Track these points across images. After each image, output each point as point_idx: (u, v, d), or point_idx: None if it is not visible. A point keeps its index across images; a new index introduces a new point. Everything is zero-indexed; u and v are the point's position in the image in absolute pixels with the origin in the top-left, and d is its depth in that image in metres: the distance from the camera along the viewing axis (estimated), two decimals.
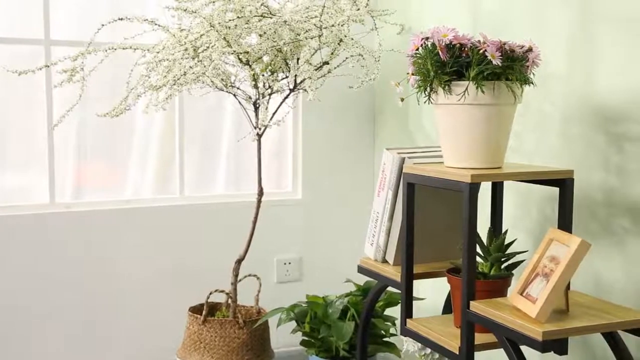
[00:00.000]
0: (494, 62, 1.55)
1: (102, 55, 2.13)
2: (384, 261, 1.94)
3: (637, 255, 1.74)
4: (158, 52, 2.14)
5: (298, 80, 2.23)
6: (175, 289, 2.62)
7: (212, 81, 2.21)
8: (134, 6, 2.54)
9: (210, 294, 2.39)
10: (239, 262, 2.40)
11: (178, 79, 2.07)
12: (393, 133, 2.77)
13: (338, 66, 2.25)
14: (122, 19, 2.06)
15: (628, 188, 1.76)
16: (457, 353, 1.61)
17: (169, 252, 2.62)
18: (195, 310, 2.42)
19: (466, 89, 1.58)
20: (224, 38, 2.07)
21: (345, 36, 2.17)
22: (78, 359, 2.52)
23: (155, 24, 2.10)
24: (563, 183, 1.64)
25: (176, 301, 2.58)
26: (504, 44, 1.58)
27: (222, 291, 2.41)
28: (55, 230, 2.47)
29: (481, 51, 1.56)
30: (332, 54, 2.22)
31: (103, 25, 2.06)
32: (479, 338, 1.62)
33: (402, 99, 1.81)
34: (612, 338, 1.53)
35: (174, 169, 2.67)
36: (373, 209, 1.97)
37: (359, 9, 2.17)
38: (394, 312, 2.23)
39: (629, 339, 1.60)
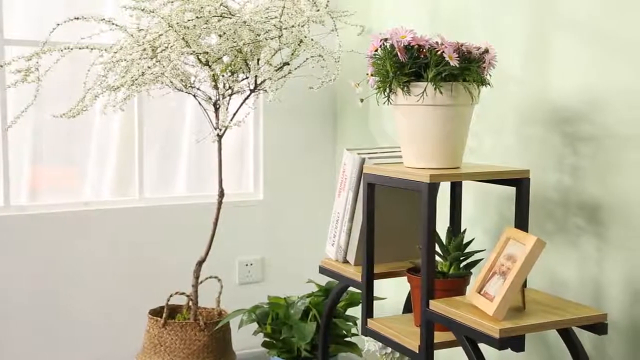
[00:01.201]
0: (451, 64, 1.57)
1: (57, 55, 2.09)
2: (345, 261, 1.94)
3: (591, 253, 1.78)
4: (116, 52, 2.11)
5: (258, 81, 2.23)
6: (135, 291, 2.59)
7: (171, 82, 2.19)
8: (91, 5, 2.49)
9: (171, 296, 2.36)
10: (200, 263, 2.38)
11: (136, 79, 2.04)
12: (354, 133, 2.78)
13: (298, 67, 2.25)
14: (78, 18, 2.03)
15: (582, 188, 1.80)
16: (417, 352, 1.62)
17: (128, 255, 2.59)
18: (156, 313, 2.40)
19: (424, 89, 1.59)
20: (183, 38, 2.05)
21: (306, 37, 2.18)
22: None
23: (113, 24, 2.07)
24: (519, 183, 1.67)
25: (136, 304, 2.55)
26: (461, 45, 1.60)
27: (182, 293, 2.39)
28: (11, 232, 2.42)
29: (439, 52, 1.58)
30: (292, 54, 2.22)
31: (58, 24, 2.02)
32: (439, 337, 1.64)
33: (362, 100, 1.82)
34: (567, 334, 1.57)
35: (133, 171, 2.64)
36: (334, 209, 1.98)
37: (318, 10, 2.17)
38: (356, 312, 2.24)
39: (582, 335, 1.64)
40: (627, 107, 1.68)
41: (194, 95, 2.28)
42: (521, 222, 1.67)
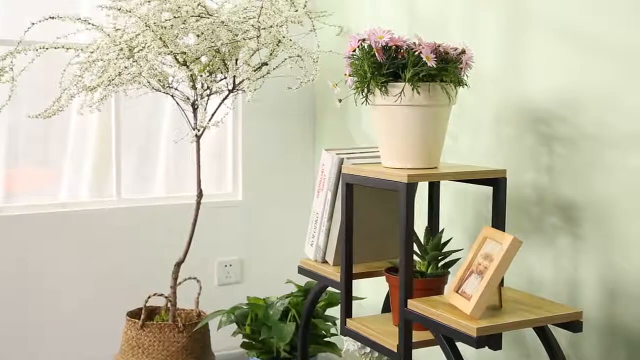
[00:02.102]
0: (428, 64, 1.58)
1: (32, 54, 2.07)
2: (324, 261, 1.95)
3: (567, 251, 1.80)
4: (92, 52, 2.09)
5: (237, 81, 2.22)
6: (113, 293, 2.57)
7: (148, 82, 2.17)
8: (67, 5, 2.47)
9: (149, 297, 2.35)
10: (179, 264, 2.37)
11: (113, 80, 2.03)
12: (333, 133, 2.78)
13: (277, 67, 2.25)
14: (53, 17, 2.01)
15: (557, 187, 1.82)
16: (396, 351, 1.63)
17: (106, 256, 2.57)
18: (134, 314, 2.38)
19: (402, 90, 1.60)
20: (160, 38, 2.04)
21: (284, 37, 2.17)
22: None
23: (89, 23, 2.06)
24: (496, 182, 1.68)
25: (114, 306, 2.53)
26: (439, 46, 1.61)
27: (161, 295, 2.37)
28: None
29: (416, 53, 1.59)
30: (270, 55, 2.22)
31: (33, 23, 1.99)
32: (417, 336, 1.64)
33: (340, 100, 1.82)
34: (543, 332, 1.58)
35: (110, 171, 2.62)
36: (312, 209, 1.98)
37: (297, 10, 2.17)
38: (335, 312, 2.24)
39: (559, 333, 1.66)
40: (601, 108, 1.70)
41: (172, 96, 2.27)
42: (498, 221, 1.69)
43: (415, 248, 1.68)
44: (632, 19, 1.62)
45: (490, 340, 1.56)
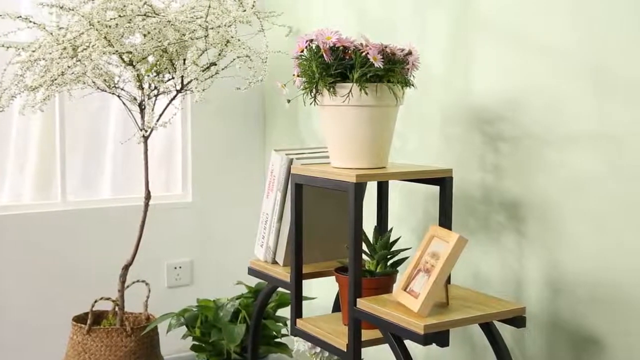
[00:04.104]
0: (375, 65, 1.59)
1: None
2: (274, 262, 1.94)
3: (512, 248, 1.84)
4: (34, 51, 2.04)
5: (185, 82, 2.20)
6: (58, 298, 2.51)
7: (93, 82, 2.13)
8: (7, 2, 2.40)
9: (95, 302, 2.30)
10: (126, 267, 2.33)
11: (55, 79, 1.98)
12: (283, 134, 2.78)
13: (225, 67, 2.23)
14: None
15: (502, 185, 1.86)
16: (345, 350, 1.63)
17: (50, 260, 2.50)
18: (80, 319, 2.33)
19: (350, 90, 1.61)
20: (105, 37, 2.00)
21: (232, 37, 2.16)
22: None
23: (30, 21, 2.00)
24: (443, 182, 1.70)
25: (59, 311, 2.47)
26: (385, 47, 1.63)
27: (107, 299, 2.33)
28: None
29: (363, 54, 1.60)
30: (219, 55, 2.20)
31: None
32: (367, 334, 1.65)
33: (289, 100, 1.82)
34: (488, 328, 1.61)
35: (55, 173, 2.55)
36: (262, 210, 1.97)
37: (245, 10, 2.16)
38: (286, 312, 2.24)
39: (504, 329, 1.69)
40: (542, 108, 1.75)
41: (118, 96, 2.23)
42: (445, 220, 1.71)
43: (365, 247, 1.69)
44: (572, 22, 1.66)
45: (438, 337, 1.58)
